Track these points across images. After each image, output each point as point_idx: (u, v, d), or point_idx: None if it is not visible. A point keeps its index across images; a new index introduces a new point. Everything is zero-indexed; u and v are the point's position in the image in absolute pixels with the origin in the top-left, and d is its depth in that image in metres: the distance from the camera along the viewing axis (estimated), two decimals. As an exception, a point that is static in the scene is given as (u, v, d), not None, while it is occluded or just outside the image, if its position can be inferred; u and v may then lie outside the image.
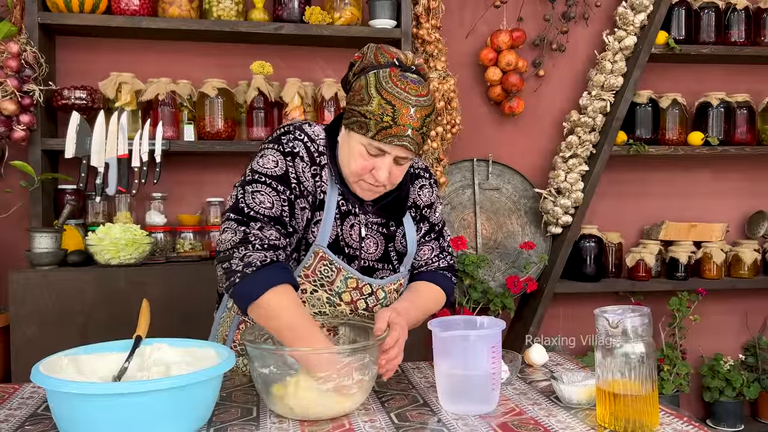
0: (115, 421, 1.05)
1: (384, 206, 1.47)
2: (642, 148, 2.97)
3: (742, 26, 3.07)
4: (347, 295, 1.44)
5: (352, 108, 1.34)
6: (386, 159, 1.34)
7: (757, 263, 3.17)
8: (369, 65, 1.35)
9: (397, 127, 1.29)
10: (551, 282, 2.95)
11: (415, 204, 1.55)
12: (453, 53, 2.94)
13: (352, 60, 1.39)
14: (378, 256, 1.48)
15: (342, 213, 1.43)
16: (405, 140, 1.30)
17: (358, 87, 1.34)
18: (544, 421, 1.20)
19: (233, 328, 1.56)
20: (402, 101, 1.29)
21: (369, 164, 1.34)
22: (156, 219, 2.62)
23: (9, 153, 2.57)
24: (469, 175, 3.07)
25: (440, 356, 1.28)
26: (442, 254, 1.60)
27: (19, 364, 2.21)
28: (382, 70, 1.33)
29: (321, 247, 1.40)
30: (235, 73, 2.76)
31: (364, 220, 1.46)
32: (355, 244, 1.45)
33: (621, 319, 1.15)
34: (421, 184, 1.56)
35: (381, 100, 1.29)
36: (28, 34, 2.44)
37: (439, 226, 1.61)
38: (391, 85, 1.30)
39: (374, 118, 1.29)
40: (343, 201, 1.43)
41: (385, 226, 1.49)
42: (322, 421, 1.21)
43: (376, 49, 1.36)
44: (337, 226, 1.43)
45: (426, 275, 1.57)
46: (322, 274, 1.42)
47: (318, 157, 1.40)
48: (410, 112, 1.29)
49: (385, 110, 1.29)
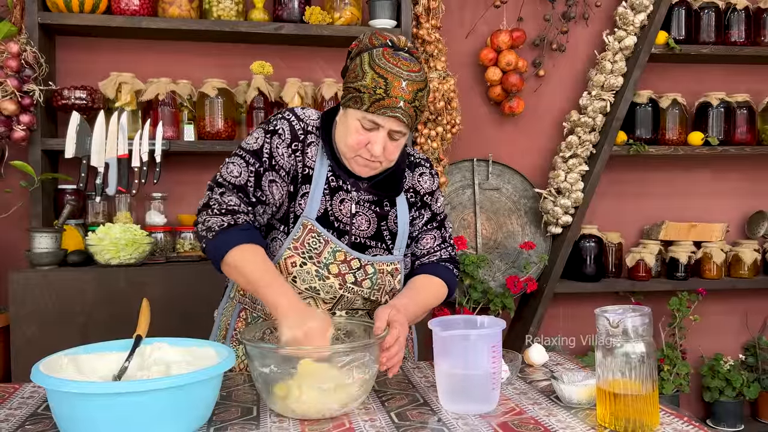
0: (115, 421, 1.05)
1: (378, 183, 1.51)
2: (642, 148, 2.97)
3: (742, 26, 3.07)
4: (335, 267, 1.47)
5: (347, 86, 1.42)
6: (380, 133, 1.39)
7: (757, 263, 3.17)
8: (364, 48, 1.43)
9: (390, 99, 1.35)
10: (551, 282, 2.95)
11: (415, 190, 1.59)
12: (453, 53, 2.94)
13: (349, 48, 1.48)
14: (371, 234, 1.52)
15: (332, 188, 1.49)
16: (397, 111, 1.36)
17: (353, 66, 1.42)
18: (544, 421, 1.20)
19: (234, 316, 1.59)
20: (394, 75, 1.36)
21: (364, 138, 1.40)
22: (156, 219, 2.62)
23: (9, 153, 2.57)
24: (469, 175, 3.07)
25: (440, 356, 1.28)
26: (444, 244, 1.62)
27: (19, 364, 2.21)
28: (376, 50, 1.41)
29: (309, 219, 1.46)
30: (235, 73, 2.76)
31: (356, 197, 1.51)
32: (346, 219, 1.50)
33: (621, 318, 1.15)
34: (421, 172, 1.61)
35: (374, 74, 1.36)
36: (28, 34, 2.44)
37: (441, 216, 1.63)
38: (384, 61, 1.38)
39: (367, 92, 1.36)
40: (333, 177, 1.49)
41: (378, 204, 1.53)
42: (323, 420, 1.21)
43: (371, 34, 1.45)
44: (327, 200, 1.48)
45: (428, 267, 1.59)
46: (310, 246, 1.46)
47: (303, 135, 1.48)
48: (402, 85, 1.36)
49: (378, 83, 1.36)
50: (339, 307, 1.51)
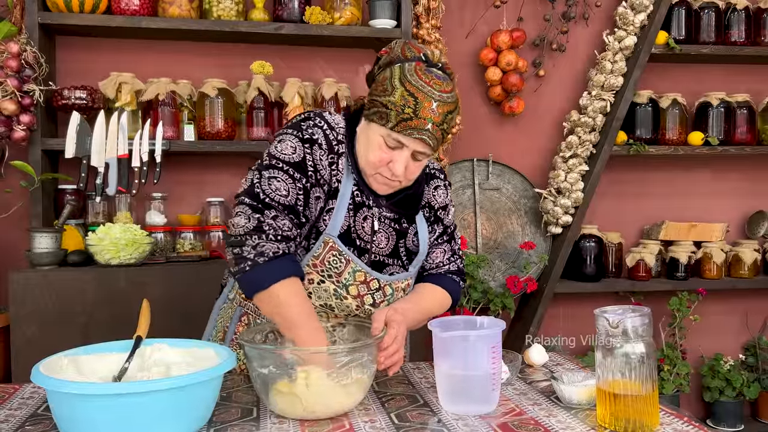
0: (115, 422, 1.05)
1: (398, 202, 1.46)
2: (642, 148, 2.97)
3: (742, 26, 3.07)
4: (354, 289, 1.43)
5: (374, 98, 1.33)
6: (404, 152, 1.33)
7: (757, 263, 3.17)
8: (395, 58, 1.34)
9: (418, 120, 1.28)
10: (551, 282, 2.95)
11: (430, 204, 1.54)
12: (453, 53, 2.94)
13: (379, 54, 1.39)
14: (388, 252, 1.47)
15: (356, 204, 1.42)
16: (425, 134, 1.30)
17: (382, 78, 1.33)
18: (544, 422, 1.20)
19: (234, 320, 1.55)
20: (425, 94, 1.29)
21: (387, 157, 1.33)
22: (156, 219, 2.62)
23: (9, 153, 2.56)
24: (469, 175, 3.07)
25: (440, 356, 1.28)
26: (453, 257, 1.59)
27: (19, 364, 2.20)
28: (408, 64, 1.32)
29: (331, 237, 1.39)
30: (235, 73, 2.76)
31: (378, 214, 1.45)
32: (367, 237, 1.44)
33: (621, 319, 1.15)
34: (436, 185, 1.56)
35: (404, 91, 1.29)
36: (28, 34, 2.44)
37: (452, 228, 1.60)
38: (416, 78, 1.30)
39: (395, 109, 1.28)
40: (358, 192, 1.42)
41: (398, 222, 1.48)
42: (322, 421, 1.21)
43: (403, 44, 1.36)
44: (350, 216, 1.41)
45: (433, 278, 1.56)
46: (330, 264, 1.40)
47: (336, 146, 1.39)
48: (432, 106, 1.29)
49: (407, 102, 1.28)
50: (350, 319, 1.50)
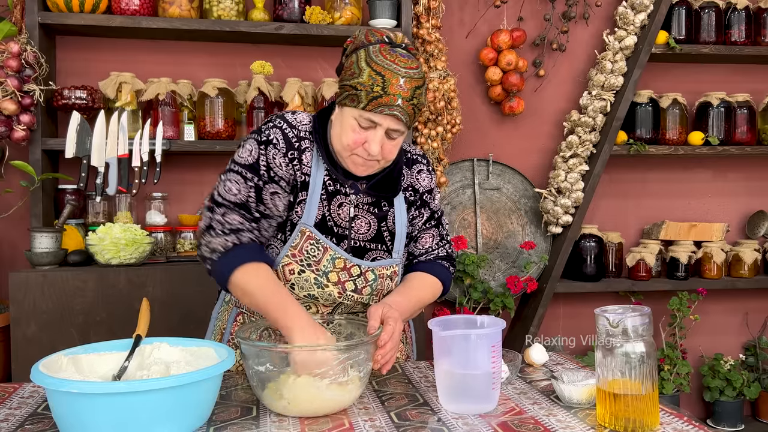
0: (114, 421, 1.05)
1: (376, 184, 1.48)
2: (642, 147, 2.97)
3: (743, 26, 3.07)
4: (334, 275, 1.45)
5: (343, 84, 1.38)
6: (378, 131, 1.36)
7: (757, 263, 3.17)
8: (360, 44, 1.40)
9: (387, 96, 1.32)
10: (551, 282, 2.95)
11: (414, 188, 1.57)
12: (453, 53, 2.94)
13: (345, 45, 1.44)
14: (371, 236, 1.50)
15: (329, 192, 1.46)
16: (395, 109, 1.33)
17: (349, 63, 1.38)
18: (544, 421, 1.20)
19: (230, 320, 1.57)
20: (392, 72, 1.33)
21: (361, 137, 1.37)
22: (156, 219, 2.62)
23: (9, 153, 2.57)
24: (469, 175, 3.07)
25: (440, 355, 1.28)
26: (441, 242, 1.61)
27: (19, 364, 2.21)
28: (372, 46, 1.37)
29: (307, 226, 1.43)
30: (236, 72, 2.76)
31: (355, 201, 1.48)
32: (344, 223, 1.47)
33: (621, 318, 1.15)
34: (419, 169, 1.58)
35: (371, 71, 1.33)
36: (28, 33, 2.44)
37: (439, 213, 1.62)
38: (381, 57, 1.34)
39: (364, 89, 1.33)
40: (330, 181, 1.46)
41: (377, 205, 1.51)
42: (322, 420, 1.21)
43: (367, 30, 1.42)
44: (324, 206, 1.45)
45: (423, 265, 1.58)
46: (308, 253, 1.44)
47: (297, 142, 1.44)
48: (399, 82, 1.33)
49: (375, 80, 1.32)
50: (339, 311, 1.51)
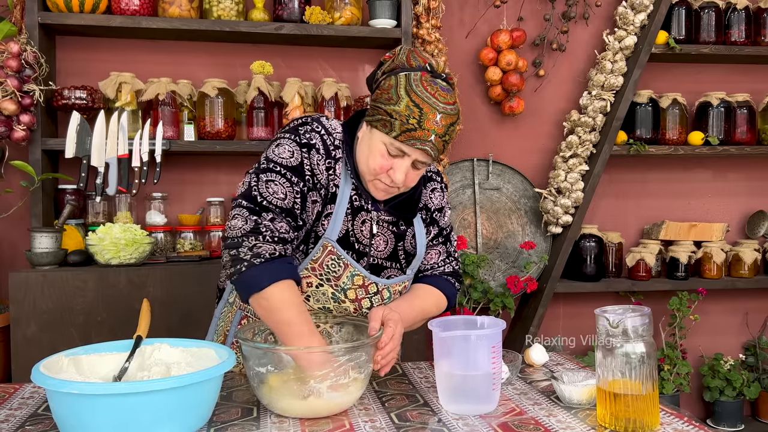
0: (115, 421, 1.05)
1: (395, 206, 1.47)
2: (642, 147, 2.97)
3: (742, 26, 3.07)
4: (352, 293, 1.44)
5: (377, 105, 1.34)
6: (405, 161, 1.34)
7: (757, 263, 3.17)
8: (400, 66, 1.35)
9: (422, 131, 1.30)
10: (551, 282, 2.95)
11: (426, 207, 1.56)
12: (453, 53, 2.94)
13: (382, 59, 1.40)
14: (387, 254, 1.49)
15: (354, 208, 1.44)
16: (427, 145, 1.31)
17: (387, 86, 1.34)
18: (544, 421, 1.20)
19: (234, 323, 1.56)
20: (430, 106, 1.30)
21: (387, 164, 1.35)
22: (156, 219, 2.62)
23: (9, 153, 2.57)
24: (469, 175, 3.06)
25: (441, 356, 1.28)
26: (448, 259, 1.60)
27: (19, 364, 2.21)
28: (414, 73, 1.33)
29: (330, 241, 1.40)
30: (235, 72, 2.76)
31: (376, 217, 1.47)
32: (366, 240, 1.46)
33: (621, 318, 1.15)
34: (433, 188, 1.57)
35: (409, 101, 1.30)
36: (28, 33, 2.44)
37: (447, 230, 1.61)
38: (422, 89, 1.31)
39: (400, 119, 1.30)
40: (356, 196, 1.44)
41: (396, 225, 1.50)
42: (322, 421, 1.21)
43: (408, 51, 1.37)
44: (348, 221, 1.43)
45: (429, 279, 1.57)
46: (329, 268, 1.42)
47: (333, 151, 1.41)
48: (436, 118, 1.30)
49: (413, 112, 1.29)
50: None
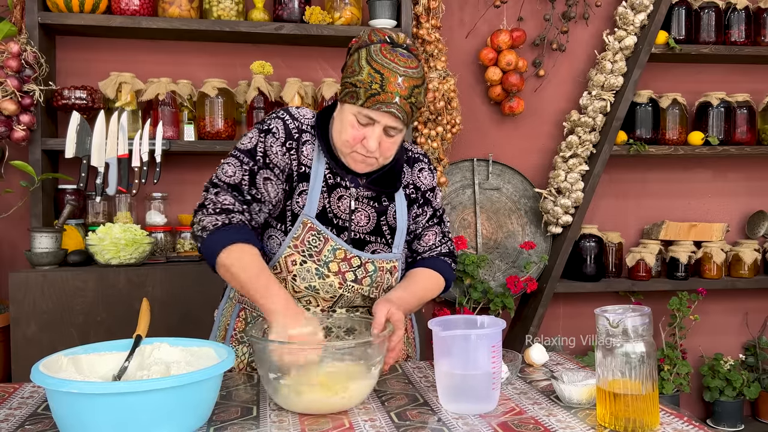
0: (115, 421, 1.05)
1: (376, 180, 1.52)
2: (642, 147, 2.97)
3: (742, 26, 3.07)
4: (335, 265, 1.48)
5: (344, 81, 1.43)
6: (376, 128, 1.40)
7: (757, 263, 3.17)
8: (363, 44, 1.44)
9: (385, 94, 1.36)
10: (551, 282, 2.95)
11: (416, 186, 1.61)
12: (453, 53, 2.94)
13: (349, 45, 1.49)
14: (370, 229, 1.53)
15: (329, 185, 1.50)
16: (393, 107, 1.37)
17: (350, 62, 1.43)
18: (544, 421, 1.20)
19: (234, 316, 1.59)
20: (390, 70, 1.37)
21: (359, 134, 1.41)
22: (156, 219, 2.62)
23: (9, 153, 2.57)
24: (469, 175, 3.07)
25: (440, 356, 1.28)
26: (444, 239, 1.65)
27: (19, 364, 2.21)
28: (374, 45, 1.42)
29: (308, 217, 1.47)
30: (235, 72, 2.76)
31: (355, 194, 1.52)
32: (344, 216, 1.51)
33: (621, 318, 1.15)
34: (420, 167, 1.63)
35: (370, 69, 1.38)
36: (28, 34, 2.44)
37: (441, 211, 1.66)
38: (381, 56, 1.39)
39: (363, 86, 1.37)
40: (330, 174, 1.50)
41: (377, 200, 1.55)
42: (322, 420, 1.21)
43: (371, 30, 1.46)
44: (325, 198, 1.49)
45: (426, 261, 1.61)
46: (310, 244, 1.47)
47: (297, 133, 1.49)
48: (398, 81, 1.37)
49: (374, 78, 1.37)
50: (339, 305, 1.52)
